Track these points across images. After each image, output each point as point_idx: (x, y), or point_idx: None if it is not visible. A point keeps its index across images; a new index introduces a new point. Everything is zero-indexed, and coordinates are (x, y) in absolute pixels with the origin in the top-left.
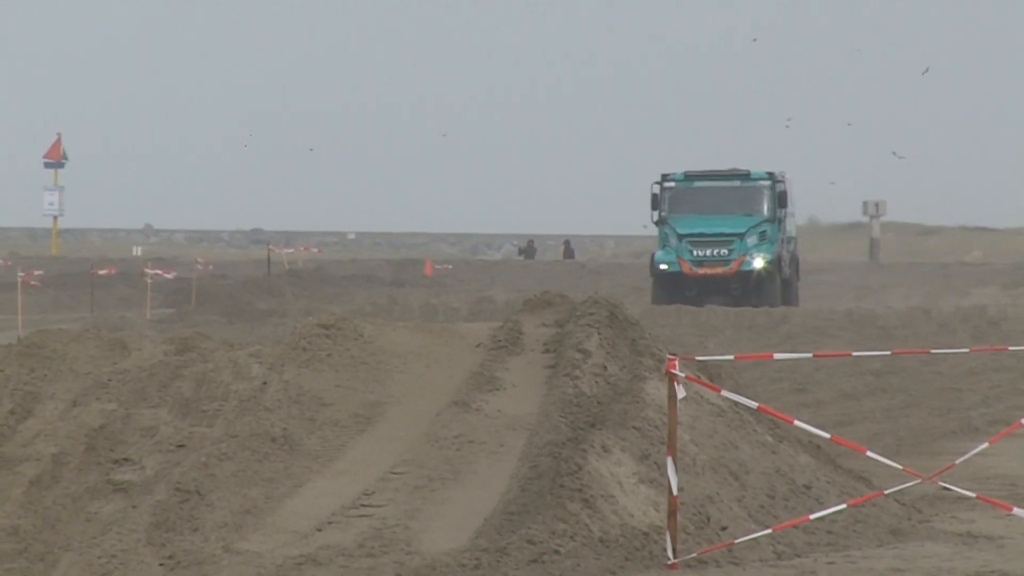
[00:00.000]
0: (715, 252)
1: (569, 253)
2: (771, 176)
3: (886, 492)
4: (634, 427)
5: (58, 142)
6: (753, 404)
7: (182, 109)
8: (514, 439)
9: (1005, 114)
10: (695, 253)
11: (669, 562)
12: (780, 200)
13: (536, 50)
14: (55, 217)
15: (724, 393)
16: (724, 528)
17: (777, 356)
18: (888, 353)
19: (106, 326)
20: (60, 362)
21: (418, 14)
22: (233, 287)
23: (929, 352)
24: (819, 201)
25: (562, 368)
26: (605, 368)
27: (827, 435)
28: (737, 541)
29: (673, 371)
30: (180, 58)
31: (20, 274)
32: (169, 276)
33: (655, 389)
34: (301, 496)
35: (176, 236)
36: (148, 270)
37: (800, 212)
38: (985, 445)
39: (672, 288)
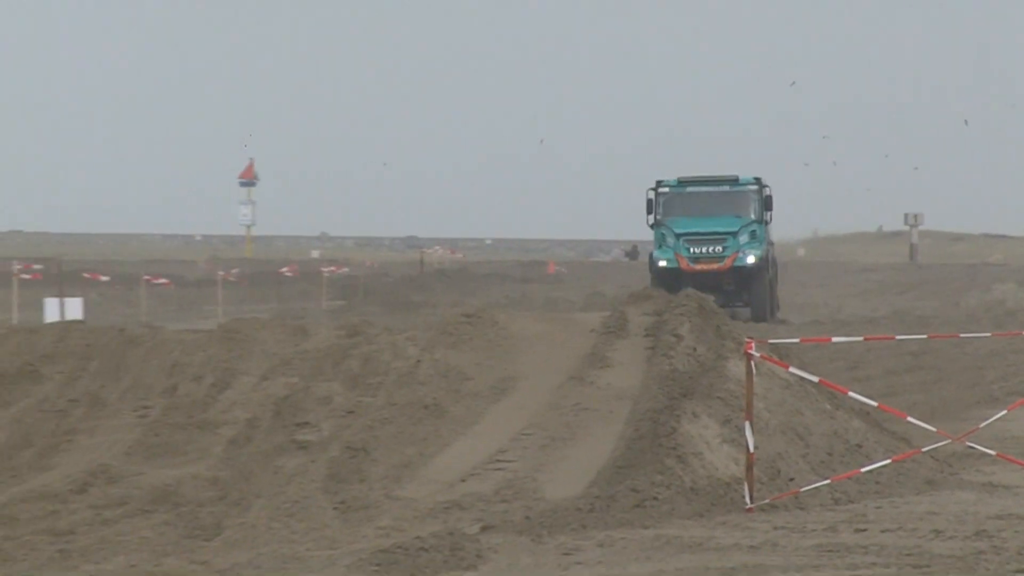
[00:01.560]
0: (711, 249)
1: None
2: (758, 181)
3: (923, 450)
4: (718, 397)
5: (251, 165)
6: (815, 378)
7: (352, 137)
8: (620, 407)
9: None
10: (692, 250)
11: (747, 507)
12: (767, 203)
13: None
14: (248, 226)
15: (791, 369)
16: (791, 479)
17: (834, 339)
18: (924, 337)
19: (289, 315)
20: (252, 344)
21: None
22: (392, 283)
23: (958, 336)
24: (865, 212)
25: (660, 349)
26: (695, 349)
27: (875, 403)
28: (802, 490)
29: (750, 351)
30: (343, 95)
31: (220, 273)
32: (341, 273)
33: (735, 366)
34: (448, 453)
35: (347, 241)
36: (323, 269)
37: (842, 222)
38: (1004, 412)
39: (670, 284)
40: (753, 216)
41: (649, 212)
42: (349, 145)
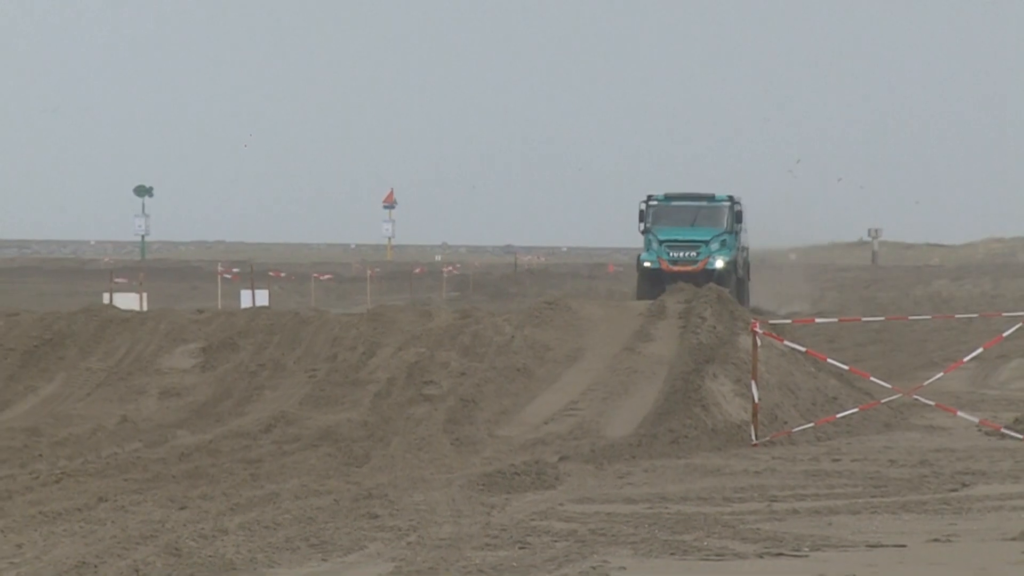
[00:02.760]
0: (687, 254)
1: None
2: (731, 199)
3: (882, 401)
4: (732, 363)
5: (391, 193)
6: (802, 349)
7: (469, 162)
8: (660, 370)
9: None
10: (672, 254)
11: (752, 443)
12: (737, 217)
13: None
14: (389, 238)
15: (785, 342)
16: (785, 423)
17: (817, 320)
18: (883, 319)
19: (418, 303)
20: (391, 324)
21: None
22: (495, 279)
23: (907, 319)
24: (836, 226)
25: (689, 327)
26: (715, 327)
27: (846, 367)
28: (793, 431)
29: (755, 329)
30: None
31: (368, 271)
32: (456, 272)
33: (744, 340)
34: (534, 404)
35: (460, 248)
36: (444, 269)
37: (819, 234)
38: (941, 374)
39: (653, 282)
40: (725, 227)
41: (640, 221)
42: (462, 170)
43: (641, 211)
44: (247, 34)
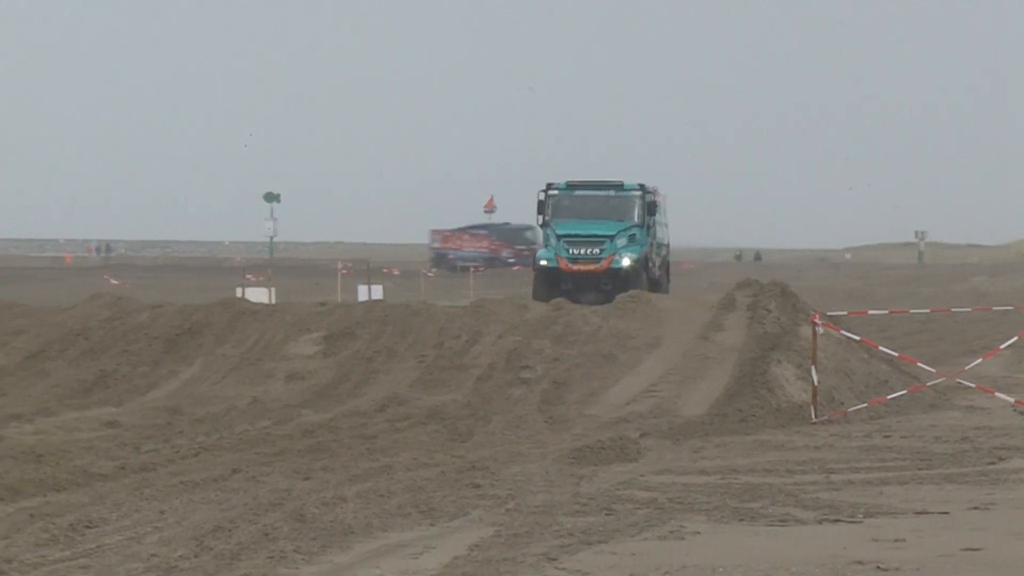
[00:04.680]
0: (588, 251)
1: (739, 257)
2: (642, 187)
3: (927, 384)
4: (794, 350)
5: (491, 199)
6: (857, 337)
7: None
8: (730, 356)
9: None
10: (571, 252)
11: (812, 421)
12: (649, 209)
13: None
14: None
15: (841, 331)
16: (841, 403)
17: (869, 312)
18: (928, 311)
19: (516, 297)
20: (492, 315)
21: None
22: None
23: (950, 311)
24: (884, 229)
25: (756, 318)
26: (779, 318)
27: (896, 354)
28: (848, 410)
29: (815, 320)
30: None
31: (471, 269)
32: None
33: (805, 330)
34: (618, 386)
35: None
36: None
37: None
38: (980, 360)
39: (551, 282)
40: (635, 220)
41: (539, 213)
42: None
43: (540, 201)
44: (367, 57)
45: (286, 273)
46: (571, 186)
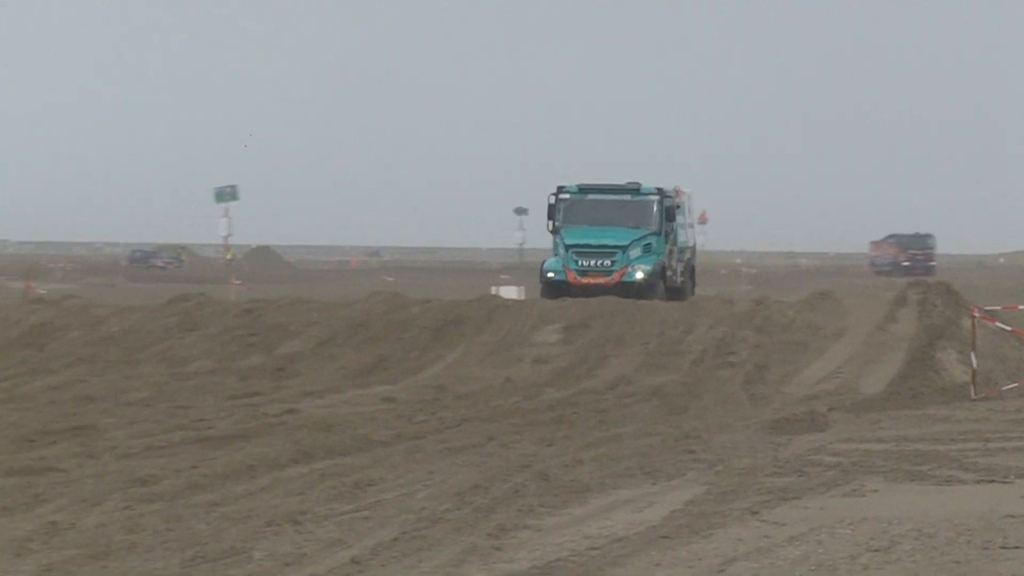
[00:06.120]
0: (598, 263)
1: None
2: (660, 191)
3: None
4: (956, 338)
5: (704, 213)
6: (1009, 328)
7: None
8: (903, 344)
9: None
10: (580, 263)
11: (972, 399)
12: (668, 214)
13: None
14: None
15: (996, 323)
16: (996, 383)
17: (1020, 307)
18: None
19: (723, 294)
20: (703, 309)
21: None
22: (780, 276)
23: None
24: None
25: (924, 312)
26: (944, 312)
27: None
28: (1003, 389)
29: (974, 313)
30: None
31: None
32: (752, 272)
33: (966, 322)
34: (809, 369)
35: (755, 254)
36: (744, 270)
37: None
38: None
39: (558, 296)
40: (652, 227)
41: (549, 218)
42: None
43: (550, 207)
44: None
45: (533, 275)
46: (583, 189)
